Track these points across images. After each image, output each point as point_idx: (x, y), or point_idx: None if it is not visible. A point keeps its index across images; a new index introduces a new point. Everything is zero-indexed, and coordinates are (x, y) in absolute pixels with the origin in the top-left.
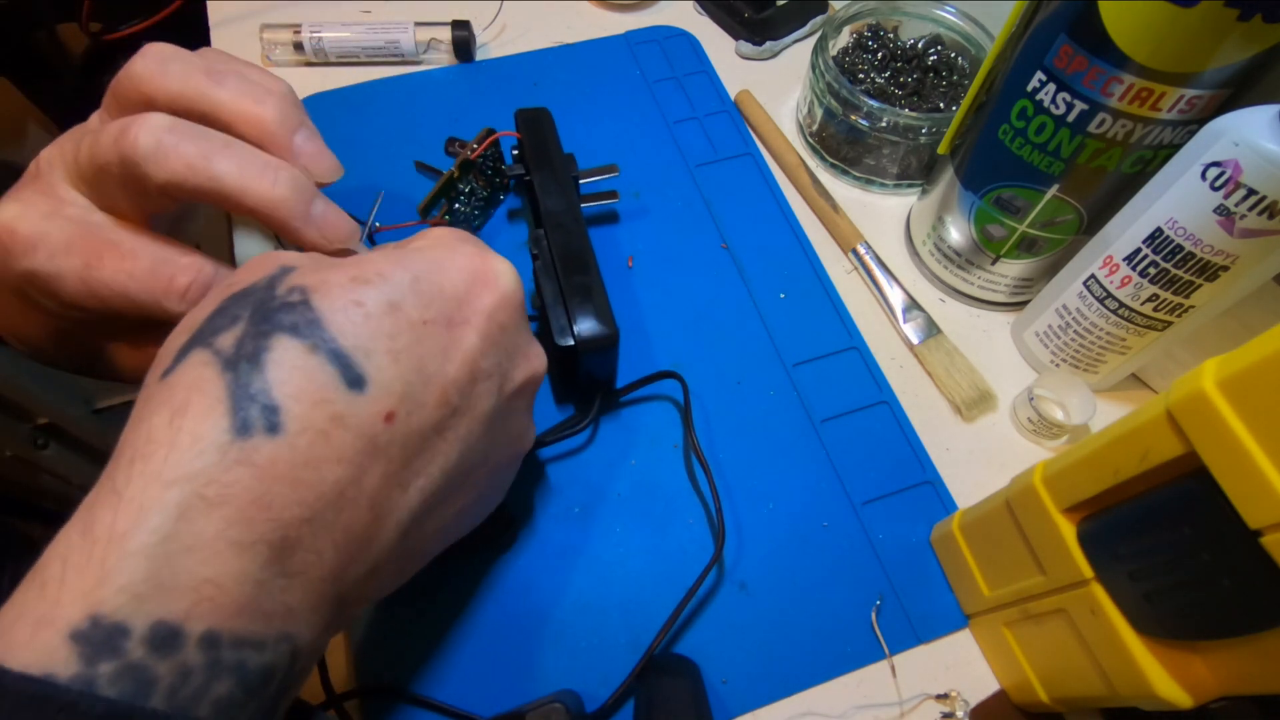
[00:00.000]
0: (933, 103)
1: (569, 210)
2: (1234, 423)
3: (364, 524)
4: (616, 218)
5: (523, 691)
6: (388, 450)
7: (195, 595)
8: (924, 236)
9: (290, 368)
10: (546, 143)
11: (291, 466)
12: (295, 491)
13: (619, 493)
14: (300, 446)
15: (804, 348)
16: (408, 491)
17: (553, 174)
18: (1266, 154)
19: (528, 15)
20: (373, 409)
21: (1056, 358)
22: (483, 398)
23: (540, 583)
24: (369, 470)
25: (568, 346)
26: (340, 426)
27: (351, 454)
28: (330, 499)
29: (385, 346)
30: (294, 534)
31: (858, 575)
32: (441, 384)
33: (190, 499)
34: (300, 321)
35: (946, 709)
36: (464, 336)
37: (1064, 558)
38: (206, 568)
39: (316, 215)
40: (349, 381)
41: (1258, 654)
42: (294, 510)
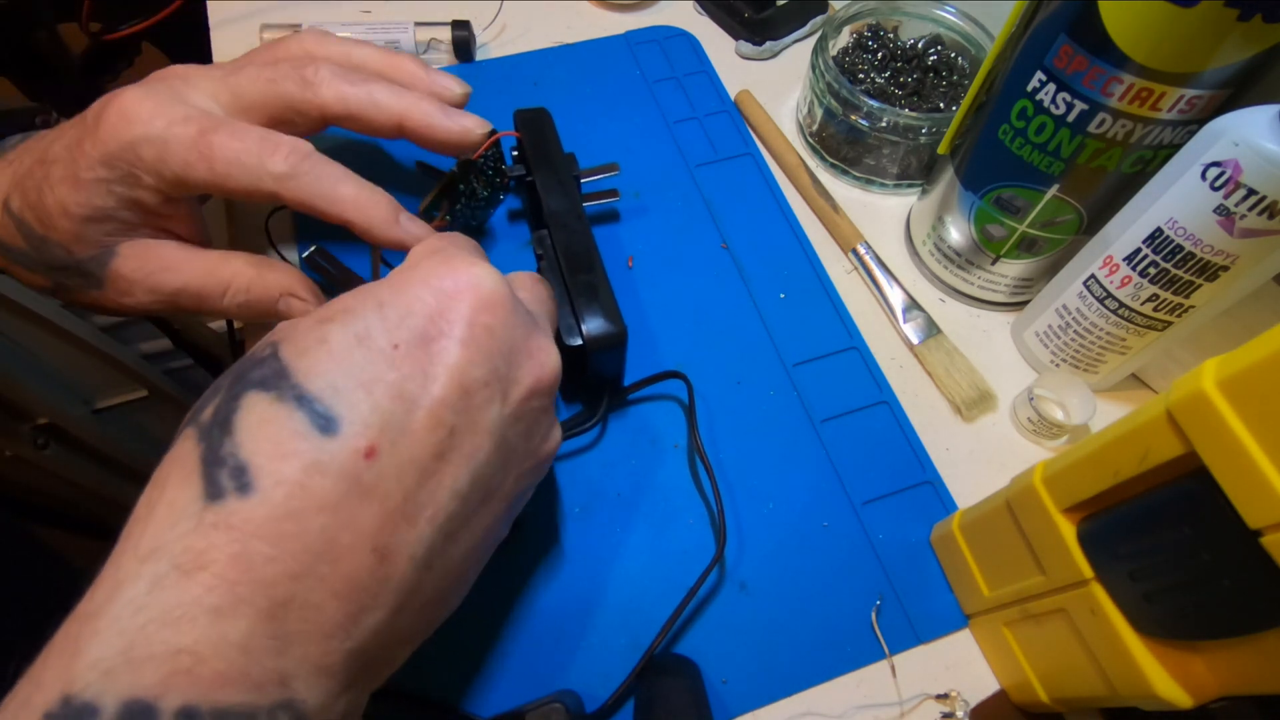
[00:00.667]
0: (933, 103)
1: (572, 209)
2: (1234, 423)
3: (369, 568)
4: (617, 217)
5: (522, 691)
6: (378, 487)
7: (170, 667)
8: (924, 236)
9: (257, 423)
10: (547, 142)
11: (270, 523)
12: (277, 548)
13: (619, 492)
14: (276, 501)
15: (804, 348)
16: (416, 525)
17: (554, 173)
18: (1266, 154)
19: (528, 15)
20: (350, 447)
21: (1056, 358)
22: (483, 410)
23: (540, 583)
24: (360, 513)
25: (576, 346)
26: (318, 473)
27: (335, 500)
28: (319, 550)
29: (356, 380)
30: (283, 592)
31: (858, 575)
32: (428, 406)
33: (165, 570)
34: (268, 374)
35: (946, 709)
36: (445, 351)
37: (1064, 558)
38: (183, 637)
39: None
40: (319, 425)
41: (1258, 654)
42: (278, 567)
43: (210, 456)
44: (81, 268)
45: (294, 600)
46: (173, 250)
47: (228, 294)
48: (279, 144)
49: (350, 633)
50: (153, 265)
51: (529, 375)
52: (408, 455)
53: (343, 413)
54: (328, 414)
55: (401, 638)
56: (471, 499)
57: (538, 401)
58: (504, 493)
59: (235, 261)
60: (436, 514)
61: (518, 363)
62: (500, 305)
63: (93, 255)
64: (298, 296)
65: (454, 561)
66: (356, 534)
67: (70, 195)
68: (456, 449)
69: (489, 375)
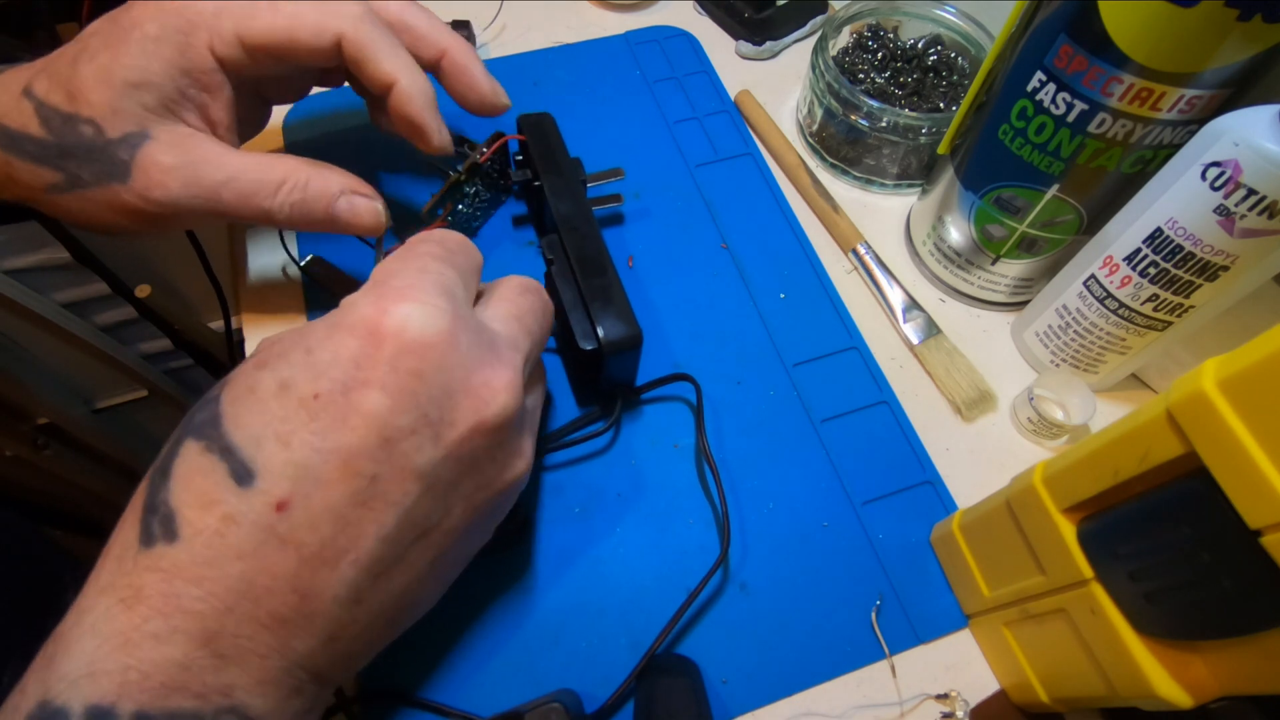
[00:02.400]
0: (933, 103)
1: (581, 213)
2: (1234, 423)
3: (291, 605)
4: (619, 218)
5: (522, 691)
6: (293, 536)
7: (122, 679)
8: (924, 236)
9: (187, 472)
10: (553, 147)
11: (191, 567)
12: (201, 588)
13: (618, 493)
14: (197, 549)
15: (804, 348)
16: (337, 568)
17: (562, 178)
18: (1266, 154)
19: (528, 15)
20: (263, 501)
21: (1056, 358)
22: (411, 456)
23: (539, 583)
24: (276, 560)
25: (591, 350)
26: (233, 524)
27: (251, 548)
28: (240, 590)
29: (274, 432)
30: (213, 624)
31: (858, 575)
32: (342, 457)
33: (113, 602)
34: (205, 419)
35: (946, 709)
36: (364, 400)
37: (1064, 558)
38: (130, 657)
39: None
40: (237, 477)
41: (1258, 654)
42: (204, 605)
43: (149, 502)
44: (107, 152)
45: (224, 630)
46: (215, 144)
47: (281, 189)
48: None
49: (286, 654)
50: (195, 155)
51: (469, 416)
52: (322, 505)
53: (260, 465)
54: (247, 466)
55: (349, 653)
56: (401, 540)
57: (482, 440)
58: (448, 527)
59: (289, 159)
60: (360, 557)
61: (454, 404)
62: (431, 347)
63: (125, 136)
64: (361, 194)
65: (392, 594)
66: (273, 578)
67: (113, 59)
68: (380, 496)
69: (415, 422)
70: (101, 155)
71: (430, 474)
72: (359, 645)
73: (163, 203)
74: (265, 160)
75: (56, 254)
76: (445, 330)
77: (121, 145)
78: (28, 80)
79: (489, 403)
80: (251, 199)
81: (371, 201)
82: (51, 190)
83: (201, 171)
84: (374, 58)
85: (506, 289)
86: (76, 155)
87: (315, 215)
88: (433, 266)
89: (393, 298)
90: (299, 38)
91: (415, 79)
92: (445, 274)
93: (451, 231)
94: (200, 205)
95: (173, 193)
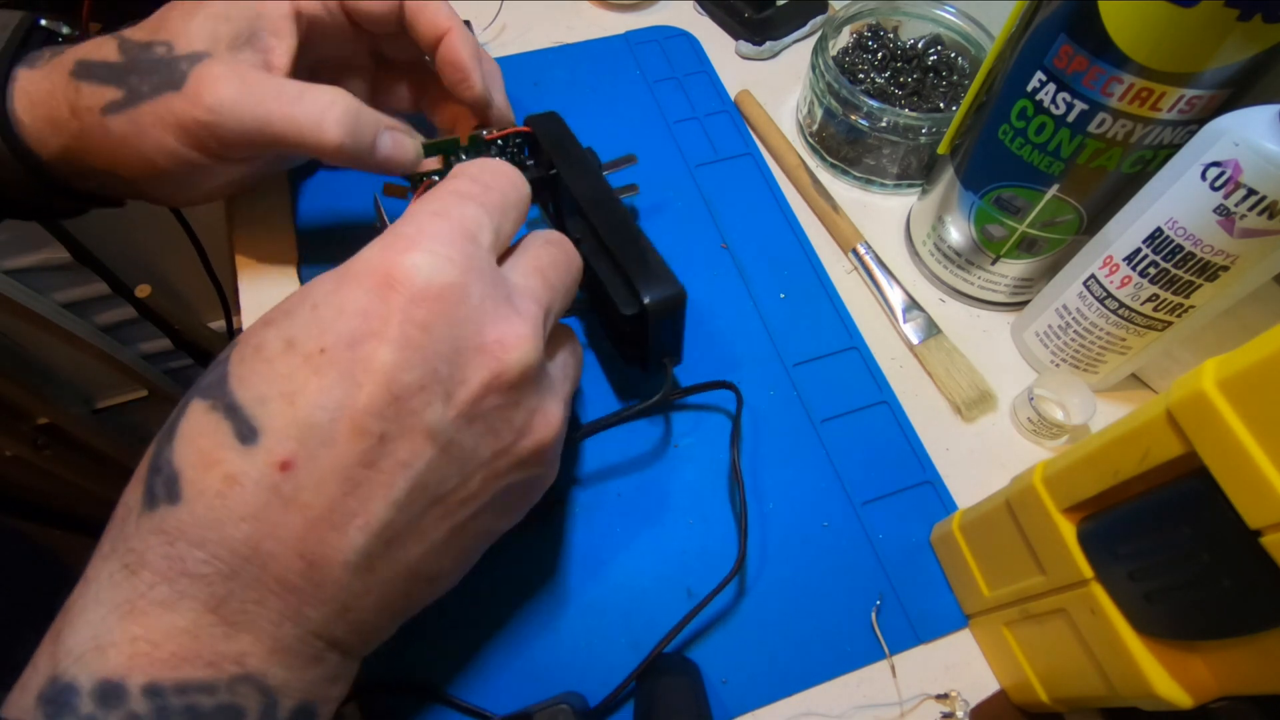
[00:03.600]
0: (933, 103)
1: (603, 191)
2: (1234, 423)
3: (298, 571)
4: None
5: (521, 688)
6: (298, 498)
7: (131, 651)
8: (924, 236)
9: (191, 432)
10: (565, 138)
11: (194, 529)
12: (205, 550)
13: (619, 493)
14: (199, 511)
15: (804, 348)
16: (346, 532)
17: (579, 164)
18: (1266, 154)
19: (528, 15)
20: (266, 460)
21: (1056, 358)
22: (420, 414)
23: (540, 583)
24: (281, 522)
25: (635, 315)
26: (235, 485)
27: (254, 510)
28: (245, 554)
29: (279, 390)
30: (220, 589)
31: (858, 575)
32: (350, 415)
33: (116, 568)
34: (213, 380)
35: (946, 709)
36: (372, 354)
37: (1064, 558)
38: (137, 626)
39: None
40: (241, 436)
41: (1258, 654)
42: (211, 567)
43: (154, 463)
44: (172, 64)
45: (231, 596)
46: (270, 74)
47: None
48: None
49: (299, 622)
50: (249, 73)
51: (481, 372)
52: (329, 465)
53: (264, 423)
54: (251, 424)
55: (367, 623)
56: (413, 504)
57: (496, 399)
58: (465, 495)
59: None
60: (369, 521)
61: (465, 360)
62: (440, 298)
63: (191, 53)
64: (403, 130)
65: (406, 563)
66: (279, 541)
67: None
68: (389, 456)
69: (425, 377)
70: (165, 68)
71: (442, 434)
72: (376, 616)
73: (214, 108)
74: (312, 85)
75: (56, 254)
76: (455, 281)
77: (185, 59)
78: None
79: (501, 358)
80: (305, 112)
81: (412, 140)
82: (108, 110)
83: (253, 83)
84: (432, 10)
85: (530, 241)
86: (142, 70)
87: (364, 144)
88: (455, 208)
89: (401, 246)
90: None
91: (464, 31)
92: (469, 215)
93: (492, 160)
94: (250, 119)
95: (224, 97)
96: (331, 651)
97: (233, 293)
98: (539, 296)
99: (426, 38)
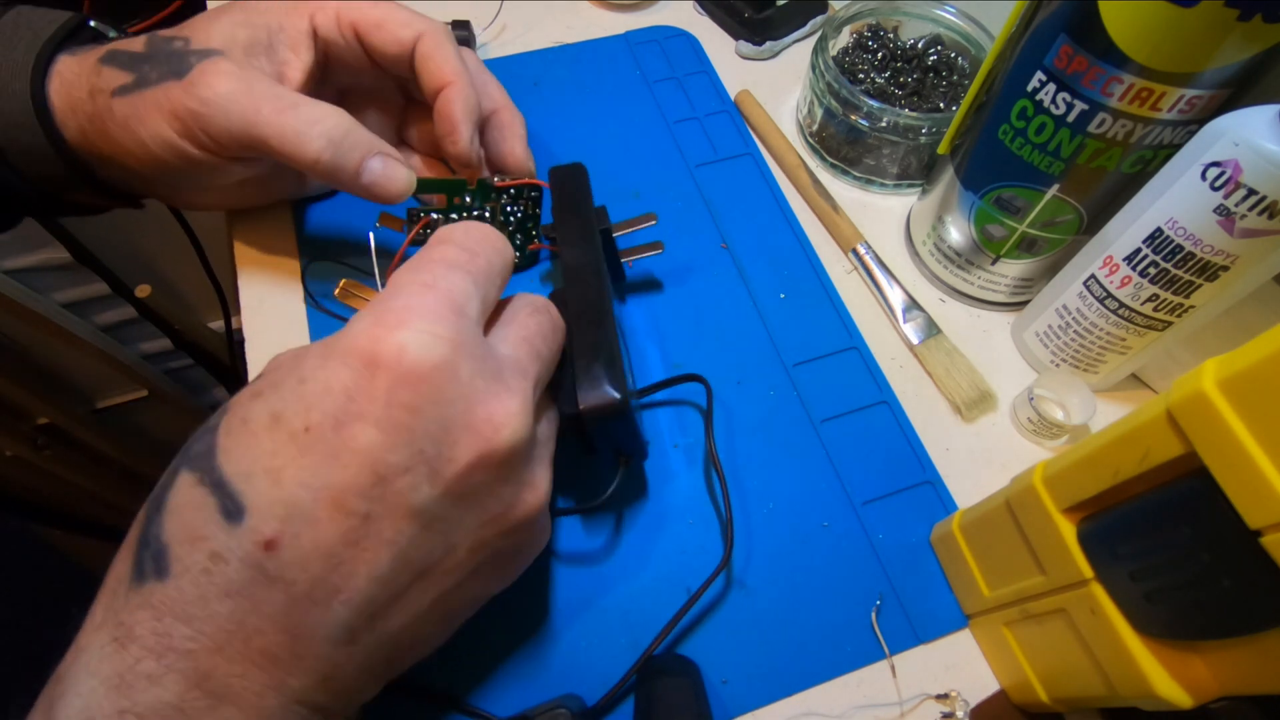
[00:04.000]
0: (933, 103)
1: (589, 263)
2: (1234, 423)
3: (282, 645)
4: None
5: (520, 689)
6: (283, 576)
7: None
8: (924, 236)
9: (179, 505)
10: (576, 197)
11: (181, 605)
12: (191, 627)
13: (618, 492)
14: (185, 587)
15: (804, 348)
16: (329, 608)
17: (577, 224)
18: (1266, 154)
19: (528, 15)
20: (251, 540)
21: (1056, 358)
22: (405, 494)
23: (539, 583)
24: (265, 599)
25: (572, 415)
26: (220, 562)
27: (239, 587)
28: (230, 629)
29: (265, 466)
30: (205, 663)
31: (858, 575)
32: (332, 495)
33: (106, 640)
34: (201, 450)
35: (946, 709)
36: (358, 435)
37: (1064, 558)
38: (125, 699)
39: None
40: (226, 512)
41: (1258, 654)
42: (196, 643)
43: (143, 536)
44: (183, 57)
45: (216, 670)
46: (274, 82)
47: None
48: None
49: (281, 692)
50: (251, 75)
51: (469, 452)
52: (312, 544)
53: (250, 500)
54: (238, 501)
55: (349, 689)
56: (397, 580)
57: (485, 475)
58: (450, 565)
59: (333, 106)
60: (352, 597)
61: (453, 439)
62: (428, 378)
63: (206, 49)
64: (397, 158)
65: (389, 633)
66: (263, 617)
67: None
68: (373, 535)
69: (410, 459)
70: (176, 59)
71: (427, 512)
72: (359, 681)
73: (206, 100)
74: (311, 99)
75: (56, 254)
76: (444, 360)
77: (196, 54)
78: None
79: (491, 438)
80: (290, 122)
81: (405, 169)
82: (119, 91)
83: (252, 84)
84: (441, 58)
85: (516, 309)
86: (155, 59)
87: (347, 163)
88: (443, 279)
89: (390, 322)
90: (387, 25)
91: (467, 88)
92: (457, 286)
93: (476, 225)
94: (238, 118)
95: (217, 91)
96: (314, 716)
97: (233, 293)
98: (526, 369)
99: (429, 86)
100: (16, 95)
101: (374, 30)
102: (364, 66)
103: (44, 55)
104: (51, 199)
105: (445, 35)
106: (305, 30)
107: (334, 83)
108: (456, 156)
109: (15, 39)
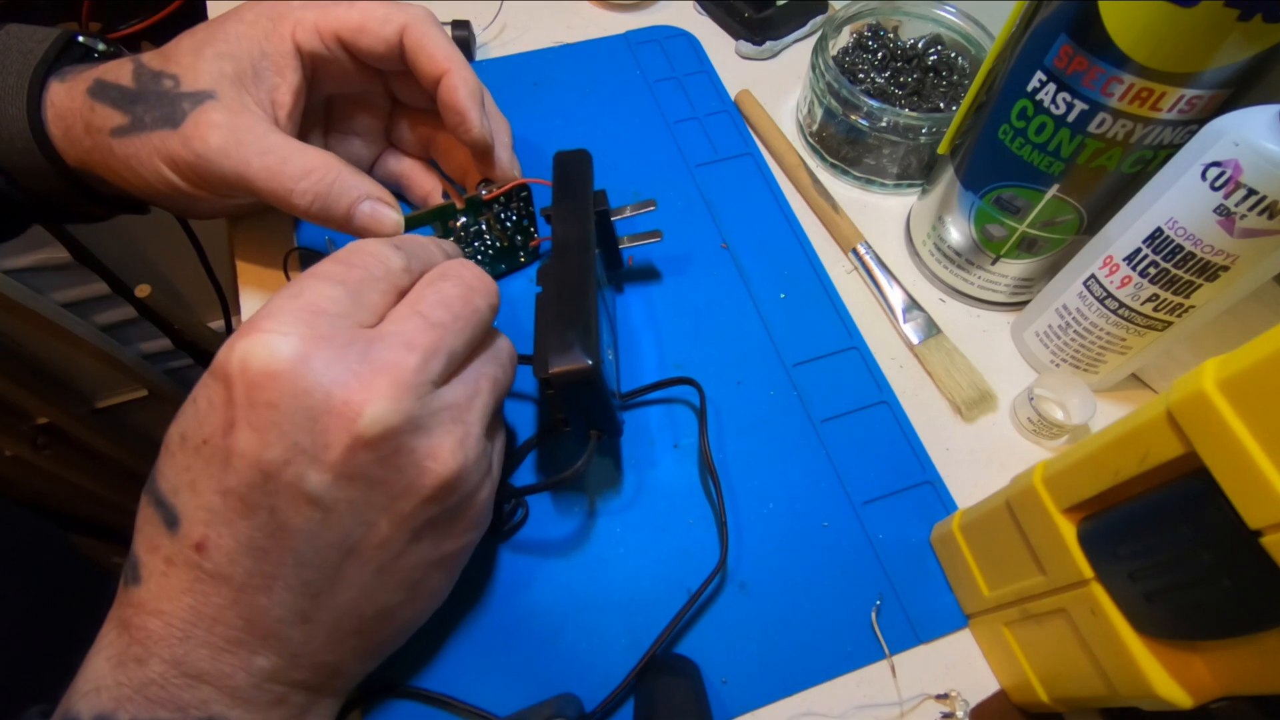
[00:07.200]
0: (933, 103)
1: (578, 240)
2: (1234, 423)
3: (240, 630)
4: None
5: (520, 689)
6: (219, 571)
7: (117, 693)
8: (924, 236)
9: (141, 522)
10: (574, 177)
11: (151, 603)
12: (161, 620)
13: (619, 492)
14: (152, 589)
15: (804, 348)
16: (273, 593)
17: (573, 204)
18: (1266, 154)
19: (528, 15)
20: (186, 544)
21: (1056, 358)
22: (295, 484)
23: (538, 583)
24: (212, 592)
25: (543, 380)
26: (172, 565)
27: (188, 585)
28: (192, 620)
29: (185, 480)
30: (180, 650)
31: (858, 575)
32: (237, 495)
33: (113, 627)
34: (151, 475)
35: (946, 709)
36: (238, 439)
37: (1064, 558)
38: (122, 675)
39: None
40: (168, 523)
41: (1258, 654)
42: (167, 633)
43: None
44: (176, 101)
45: (188, 655)
46: (267, 124)
47: (309, 176)
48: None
49: (252, 672)
50: (243, 121)
51: (342, 435)
52: (233, 541)
53: (180, 511)
54: (174, 513)
55: (326, 664)
56: (324, 561)
57: (367, 454)
58: (378, 540)
59: (325, 155)
60: (290, 581)
61: (322, 426)
62: (280, 375)
63: (196, 92)
64: (384, 201)
65: (343, 609)
66: (217, 607)
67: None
68: (284, 525)
69: (287, 452)
70: (169, 103)
71: (324, 496)
72: (335, 656)
73: (200, 154)
74: (302, 147)
75: (56, 254)
76: (289, 356)
77: (189, 98)
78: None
79: (355, 419)
80: (278, 175)
81: (393, 211)
82: (116, 132)
83: (242, 136)
84: (431, 47)
85: (420, 282)
86: (148, 101)
87: (335, 211)
88: (310, 289)
89: (241, 333)
90: (368, 26)
91: (465, 71)
92: (322, 292)
93: (364, 241)
94: (230, 170)
95: (210, 146)
96: (296, 692)
97: (232, 293)
98: (414, 341)
99: (426, 77)
100: (14, 120)
101: (357, 35)
102: (351, 73)
103: (37, 79)
104: (56, 210)
105: (429, 21)
106: (289, 51)
107: (321, 92)
108: (474, 142)
109: (7, 62)
